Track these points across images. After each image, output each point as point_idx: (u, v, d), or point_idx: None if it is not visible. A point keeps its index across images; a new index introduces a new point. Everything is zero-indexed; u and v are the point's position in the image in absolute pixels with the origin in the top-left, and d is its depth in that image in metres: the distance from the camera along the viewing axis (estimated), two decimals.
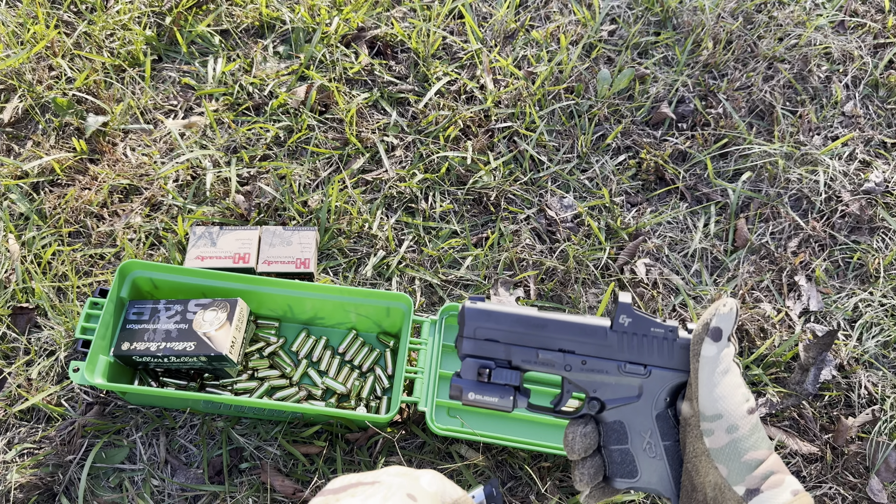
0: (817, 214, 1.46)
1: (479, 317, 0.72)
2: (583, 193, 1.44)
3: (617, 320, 0.71)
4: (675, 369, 0.70)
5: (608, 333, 0.71)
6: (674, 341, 0.71)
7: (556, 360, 0.72)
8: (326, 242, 1.33)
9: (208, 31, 1.54)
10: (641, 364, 0.71)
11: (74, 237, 1.32)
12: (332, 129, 1.46)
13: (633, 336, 0.71)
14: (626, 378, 0.71)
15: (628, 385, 0.71)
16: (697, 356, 0.67)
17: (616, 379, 0.71)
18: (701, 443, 0.66)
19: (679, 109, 1.55)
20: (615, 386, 0.71)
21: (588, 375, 0.71)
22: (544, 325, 0.72)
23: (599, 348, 0.71)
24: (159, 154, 1.40)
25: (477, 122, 1.49)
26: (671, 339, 0.70)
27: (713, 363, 0.66)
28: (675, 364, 0.70)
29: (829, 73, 1.64)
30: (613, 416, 0.71)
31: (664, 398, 0.70)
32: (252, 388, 1.17)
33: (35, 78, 1.45)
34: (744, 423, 0.65)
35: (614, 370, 0.71)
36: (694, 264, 1.38)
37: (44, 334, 1.21)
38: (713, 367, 0.66)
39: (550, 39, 1.62)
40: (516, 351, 0.72)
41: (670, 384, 0.70)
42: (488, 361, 0.72)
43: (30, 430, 1.14)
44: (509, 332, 0.72)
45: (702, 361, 0.66)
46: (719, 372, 0.66)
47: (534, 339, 0.72)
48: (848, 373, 1.29)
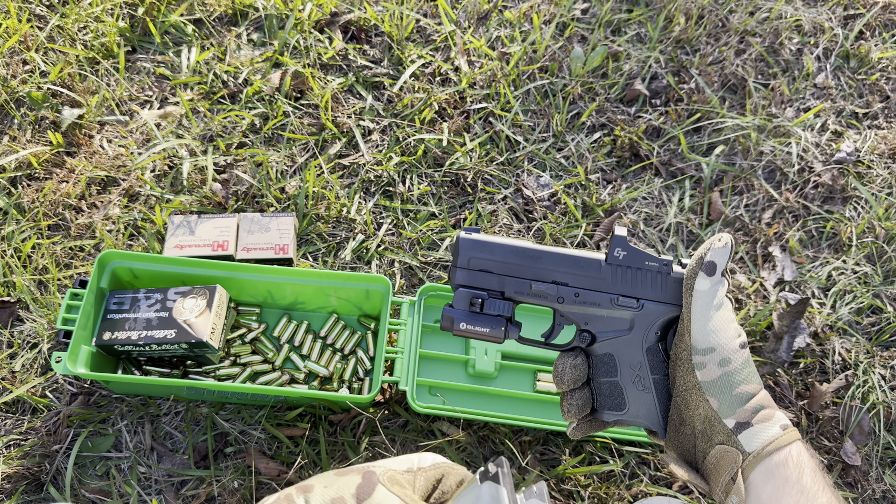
0: (790, 185, 1.48)
1: (473, 247, 0.72)
2: (559, 172, 1.45)
3: (612, 253, 0.71)
4: (668, 303, 0.70)
5: (602, 266, 0.71)
6: (668, 275, 0.71)
7: (549, 292, 0.71)
8: (305, 228, 1.34)
9: (181, 21, 1.54)
10: (634, 297, 0.71)
11: (54, 230, 1.32)
12: (307, 114, 1.47)
13: (627, 269, 0.71)
14: (619, 311, 0.71)
15: (620, 318, 0.71)
16: (691, 290, 0.67)
17: (608, 312, 0.71)
18: (692, 376, 0.66)
19: (652, 86, 1.56)
20: (607, 319, 0.71)
21: (580, 308, 0.71)
22: (538, 256, 0.72)
23: (593, 281, 0.71)
24: (136, 145, 1.40)
25: (452, 104, 1.50)
26: (665, 273, 0.71)
27: (707, 297, 0.66)
28: (668, 298, 0.70)
29: (800, 45, 1.65)
30: (604, 349, 0.71)
31: (655, 332, 0.71)
32: (235, 373, 1.18)
33: (9, 73, 1.45)
34: (736, 357, 0.65)
35: (607, 303, 0.71)
36: (669, 238, 1.40)
37: (26, 327, 1.22)
38: (707, 300, 0.66)
39: (523, 19, 1.63)
40: (509, 282, 0.72)
41: (662, 318, 0.71)
42: (481, 292, 0.72)
43: (15, 422, 1.15)
44: (503, 263, 0.72)
45: (695, 295, 0.66)
46: (713, 306, 0.66)
47: (527, 271, 0.72)
48: (822, 340, 1.31)
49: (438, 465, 0.68)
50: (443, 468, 0.68)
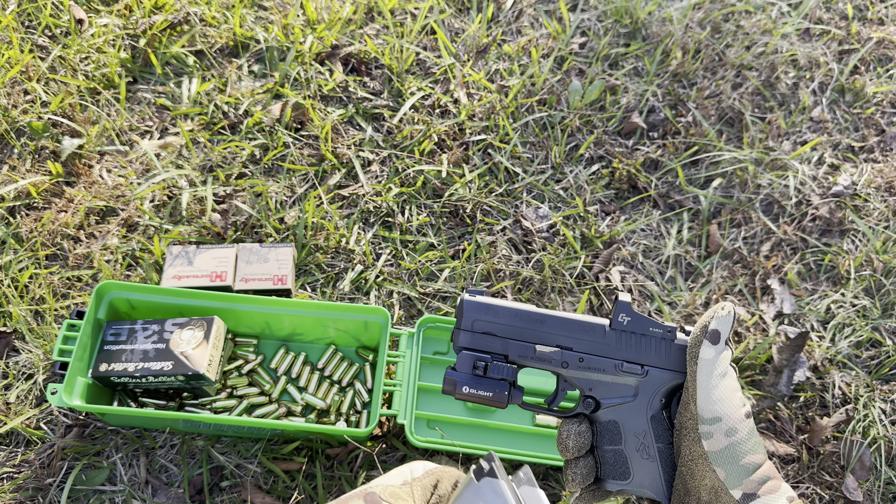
0: (788, 218, 1.48)
1: (477, 309, 0.72)
2: (557, 203, 1.46)
3: (616, 319, 0.71)
4: (673, 370, 0.70)
5: (606, 331, 0.71)
6: (672, 342, 0.70)
7: (554, 357, 0.71)
8: (304, 258, 1.34)
9: (183, 52, 1.55)
10: (639, 364, 0.70)
11: (51, 260, 1.32)
12: (307, 145, 1.48)
13: (632, 335, 0.71)
14: (623, 377, 0.70)
15: (624, 384, 0.70)
16: (695, 358, 0.66)
17: (612, 378, 0.71)
18: (698, 446, 0.66)
19: (650, 119, 1.57)
20: (611, 385, 0.71)
21: (585, 373, 0.71)
22: (543, 320, 0.71)
23: (597, 346, 0.71)
24: (135, 175, 1.40)
25: (451, 136, 1.51)
26: (669, 340, 0.70)
27: (711, 366, 0.65)
28: (673, 365, 0.70)
29: (796, 79, 1.67)
30: (608, 416, 0.71)
31: (660, 399, 0.70)
32: (231, 406, 1.17)
33: (10, 102, 1.46)
34: (742, 427, 0.65)
35: (611, 369, 0.71)
36: (668, 270, 1.40)
37: (22, 357, 1.21)
38: (711, 369, 0.65)
39: (522, 53, 1.65)
40: (513, 345, 0.71)
41: (667, 385, 0.70)
42: (485, 355, 0.71)
43: (9, 454, 1.14)
44: (507, 326, 0.71)
45: (700, 364, 0.66)
46: (717, 375, 0.65)
47: (532, 335, 0.71)
48: (822, 373, 1.31)
49: (431, 471, 0.68)
50: (436, 473, 0.67)
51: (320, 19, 1.62)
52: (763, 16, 1.74)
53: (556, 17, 1.72)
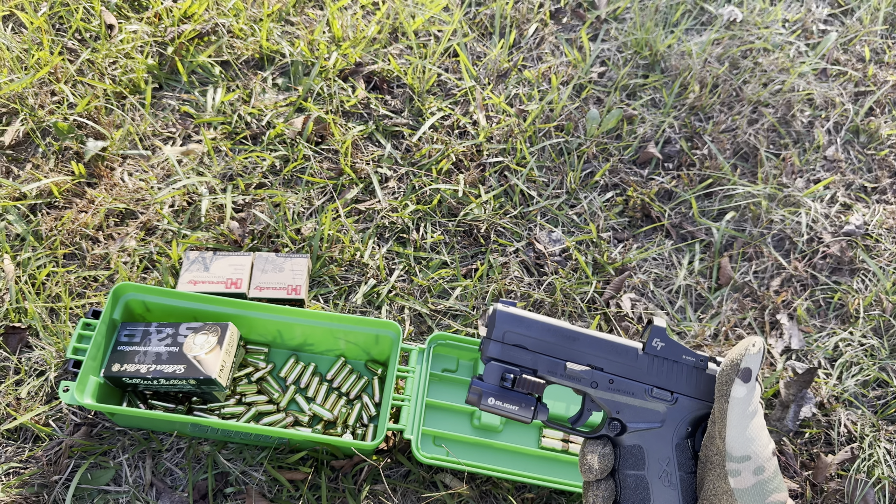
0: (799, 255, 1.49)
1: (509, 321, 0.71)
2: (571, 228, 1.47)
3: (650, 343, 0.71)
4: (702, 400, 0.70)
5: (639, 355, 0.71)
6: (703, 371, 0.70)
7: (584, 376, 0.70)
8: (318, 270, 1.35)
9: (209, 62, 1.58)
10: (669, 390, 0.70)
11: (69, 259, 1.33)
12: (327, 159, 1.50)
13: (664, 361, 0.70)
14: (652, 402, 0.70)
15: (653, 410, 0.70)
16: (726, 397, 0.65)
17: (641, 402, 0.70)
18: (724, 482, 0.65)
19: (665, 149, 1.59)
20: (639, 409, 0.70)
21: (613, 395, 0.70)
22: (575, 338, 0.71)
23: (628, 369, 0.70)
24: (156, 180, 1.42)
25: (469, 157, 1.53)
26: (701, 369, 0.70)
27: (743, 404, 0.65)
28: (702, 395, 0.70)
29: (811, 118, 1.69)
30: (633, 440, 0.70)
31: (686, 427, 0.70)
32: (239, 412, 1.18)
33: (37, 102, 1.48)
34: (769, 466, 0.65)
35: (641, 393, 0.70)
36: (678, 300, 1.41)
37: (35, 354, 1.22)
38: (743, 408, 0.65)
39: (542, 79, 1.67)
40: (543, 360, 0.70)
41: (694, 414, 0.70)
42: (513, 368, 0.71)
43: (16, 450, 1.14)
44: (539, 341, 0.71)
45: (731, 402, 0.65)
46: (748, 413, 0.65)
47: (563, 351, 0.71)
48: (828, 411, 1.31)
49: None
50: None
51: (346, 37, 1.65)
52: (781, 54, 1.76)
53: (576, 45, 1.75)
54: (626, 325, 1.34)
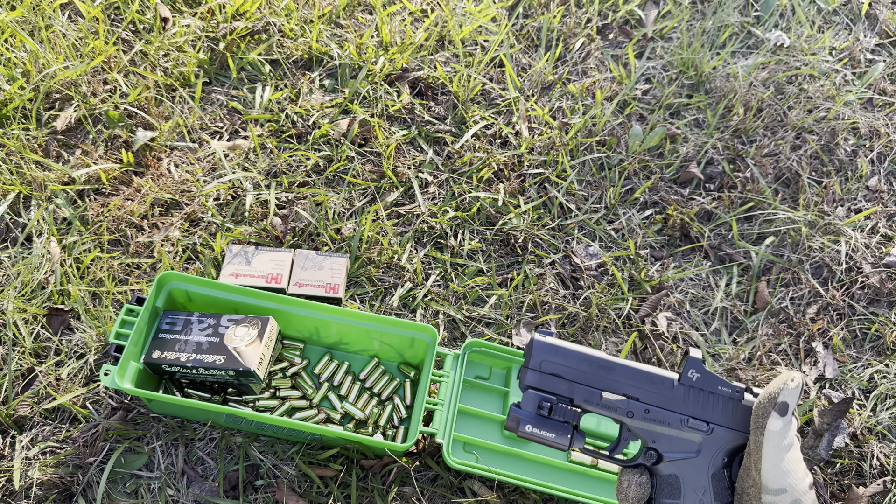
0: (837, 283, 1.48)
1: (547, 350, 0.72)
2: (608, 243, 1.47)
3: (685, 374, 0.71)
4: (738, 430, 0.70)
5: (675, 386, 0.71)
6: (739, 402, 0.70)
7: (620, 405, 0.71)
8: (356, 270, 1.36)
9: (259, 60, 1.60)
10: (705, 421, 0.70)
11: (113, 245, 1.35)
12: (369, 161, 1.51)
13: (700, 392, 0.71)
14: (688, 432, 0.70)
15: (689, 440, 0.70)
16: (762, 429, 0.66)
17: (677, 432, 0.70)
18: None
19: (707, 170, 1.59)
20: (675, 439, 0.70)
21: (649, 425, 0.71)
22: (612, 368, 0.71)
23: (665, 399, 0.71)
24: (202, 172, 1.45)
25: (510, 167, 1.53)
26: (737, 400, 0.70)
27: (779, 437, 0.65)
28: (738, 425, 0.70)
29: (855, 147, 1.68)
30: (669, 470, 0.70)
31: (722, 458, 0.70)
32: (273, 406, 1.19)
33: (90, 90, 1.51)
34: (806, 499, 0.65)
35: (677, 423, 0.70)
36: (714, 322, 1.40)
37: (76, 337, 1.24)
38: (779, 441, 0.65)
39: (586, 93, 1.68)
40: (580, 390, 0.71)
41: (731, 444, 0.70)
42: (550, 396, 0.72)
43: (54, 430, 1.16)
44: (575, 370, 0.71)
45: (767, 434, 0.65)
46: (784, 446, 0.65)
47: (599, 381, 0.71)
48: (861, 442, 1.29)
49: None
50: None
51: (393, 42, 1.67)
52: (827, 82, 1.75)
53: (622, 62, 1.75)
54: (661, 343, 1.34)
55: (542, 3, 1.80)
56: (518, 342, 1.32)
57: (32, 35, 1.56)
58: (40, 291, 1.27)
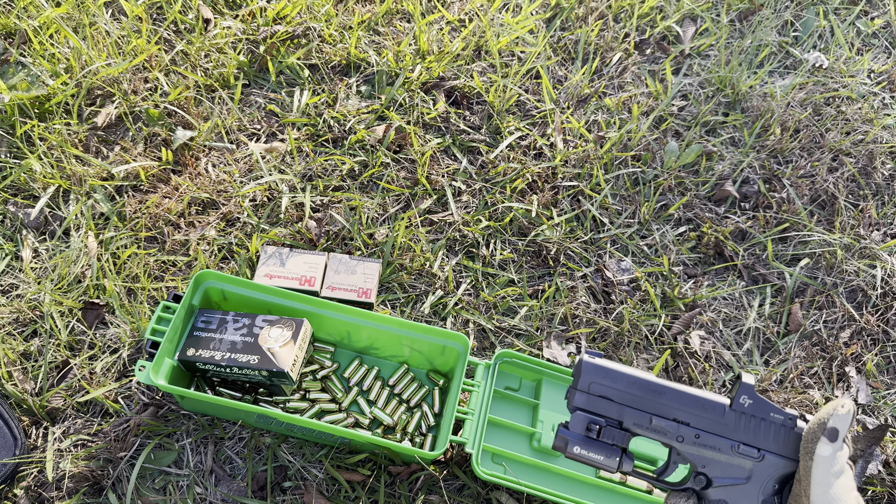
0: (872, 308, 1.46)
1: (595, 372, 0.72)
2: (641, 259, 1.47)
3: (737, 400, 0.70)
4: (790, 458, 0.69)
5: (727, 411, 0.70)
6: (791, 429, 0.70)
7: (670, 429, 0.70)
8: (388, 276, 1.36)
9: (298, 64, 1.61)
10: (756, 447, 0.70)
11: (150, 242, 1.37)
12: (404, 168, 1.51)
13: (752, 418, 0.70)
14: (738, 458, 0.69)
15: (739, 466, 0.69)
16: (811, 454, 0.65)
17: (727, 458, 0.70)
18: None
19: (743, 189, 1.58)
20: (725, 464, 0.70)
21: (699, 450, 0.70)
22: (662, 391, 0.71)
23: (715, 424, 0.70)
24: (239, 173, 1.46)
25: (544, 178, 1.53)
26: (789, 427, 0.70)
27: (828, 463, 0.64)
28: (790, 453, 0.69)
29: (893, 171, 1.66)
30: (718, 495, 0.70)
31: (773, 485, 0.69)
32: (302, 408, 1.19)
33: (131, 88, 1.53)
34: None
35: (727, 449, 0.70)
36: (746, 342, 1.39)
37: (110, 331, 1.25)
38: (828, 467, 0.64)
39: (622, 108, 1.67)
40: (629, 413, 0.71)
41: (782, 472, 0.69)
42: (599, 418, 0.71)
43: (85, 423, 1.17)
44: (625, 393, 0.71)
45: (816, 460, 0.65)
46: (833, 473, 0.64)
47: (649, 405, 0.71)
48: (893, 470, 1.27)
49: None
50: None
51: (431, 51, 1.68)
52: (865, 104, 1.74)
53: (658, 77, 1.75)
54: (693, 362, 1.33)
55: (580, 16, 1.81)
56: (548, 354, 1.31)
57: (76, 31, 1.59)
58: (76, 285, 1.29)
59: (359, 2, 1.76)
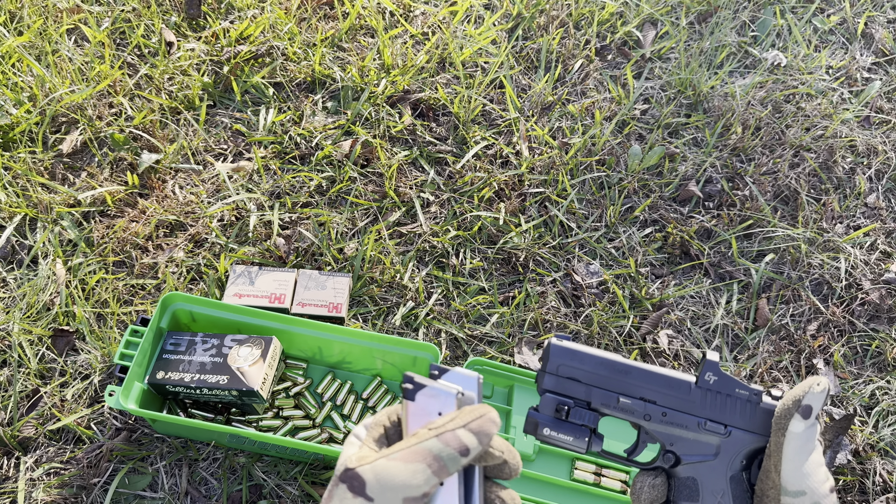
0: (837, 300, 1.49)
1: (563, 354, 0.73)
2: (609, 262, 1.48)
3: (703, 377, 0.71)
4: (756, 433, 0.71)
5: (692, 388, 0.72)
6: (757, 405, 0.71)
7: (637, 408, 0.72)
8: (359, 289, 1.37)
9: (262, 83, 1.62)
10: (722, 423, 0.71)
11: (118, 267, 1.37)
12: (372, 182, 1.53)
13: (717, 394, 0.71)
14: (705, 435, 0.71)
15: (706, 442, 0.71)
16: (784, 430, 0.66)
17: (695, 435, 0.71)
18: None
19: (706, 188, 1.60)
20: (693, 442, 0.71)
21: (667, 428, 0.71)
22: (628, 371, 0.72)
23: (682, 402, 0.71)
24: (206, 194, 1.46)
25: (510, 186, 1.55)
26: (755, 403, 0.71)
27: (801, 440, 0.65)
28: (757, 428, 0.70)
29: (853, 164, 1.69)
30: (687, 472, 0.71)
31: (741, 461, 0.70)
32: (276, 426, 1.20)
33: (96, 113, 1.53)
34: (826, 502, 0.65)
35: (694, 426, 0.71)
36: (715, 339, 1.41)
37: (80, 358, 1.25)
38: (800, 443, 0.65)
39: (585, 114, 1.69)
40: (597, 393, 0.72)
41: (749, 447, 0.70)
42: (567, 400, 0.72)
43: (58, 450, 1.17)
44: (592, 374, 0.72)
45: (788, 436, 0.66)
46: (806, 449, 0.65)
47: (616, 384, 0.72)
48: (863, 459, 1.29)
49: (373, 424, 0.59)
50: (378, 422, 0.59)
51: (395, 65, 1.69)
52: (824, 100, 1.77)
53: (620, 82, 1.77)
54: (662, 360, 1.34)
55: (542, 25, 1.83)
56: (520, 360, 1.33)
57: (39, 60, 1.59)
58: (45, 313, 1.29)
59: (322, 19, 1.77)
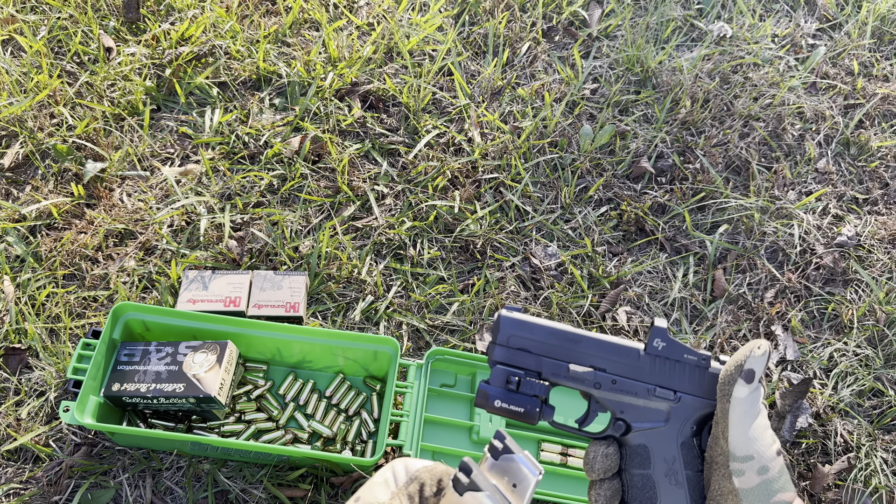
0: (792, 266, 1.51)
1: (513, 325, 0.72)
2: (566, 243, 1.49)
3: (651, 343, 0.72)
4: (705, 398, 0.71)
5: (641, 355, 0.72)
6: (706, 370, 0.71)
7: (587, 377, 0.72)
8: (316, 287, 1.36)
9: (207, 83, 1.60)
10: (672, 389, 0.71)
11: (68, 280, 1.34)
12: (324, 177, 1.51)
13: (666, 360, 0.71)
14: (655, 402, 0.71)
15: (656, 409, 0.71)
16: (728, 396, 0.67)
17: (645, 402, 0.71)
18: (729, 482, 0.66)
19: (658, 164, 1.61)
20: (643, 409, 0.71)
21: (617, 395, 0.71)
22: (578, 340, 0.72)
23: (631, 369, 0.71)
24: (155, 200, 1.44)
25: (464, 173, 1.54)
26: (703, 368, 0.71)
27: (745, 404, 0.66)
28: (706, 393, 0.71)
29: (802, 131, 1.71)
30: (638, 440, 0.71)
31: (691, 426, 0.71)
32: (239, 430, 1.18)
33: (36, 125, 1.50)
34: (773, 465, 0.65)
35: (644, 393, 0.71)
36: (674, 313, 1.42)
37: (35, 375, 1.23)
38: (745, 408, 0.66)
39: (535, 96, 1.69)
40: (547, 363, 0.72)
41: (699, 413, 0.71)
42: (518, 371, 0.72)
43: (17, 471, 1.15)
44: (542, 344, 0.72)
45: (733, 402, 0.66)
46: (751, 414, 0.66)
47: (566, 353, 0.72)
48: (824, 421, 1.32)
49: (415, 475, 0.66)
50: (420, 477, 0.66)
51: (341, 57, 1.68)
52: (771, 69, 1.78)
53: (569, 63, 1.77)
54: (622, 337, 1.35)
55: (487, 9, 1.82)
56: (482, 347, 1.33)
57: None
58: None
59: (264, 14, 1.74)
